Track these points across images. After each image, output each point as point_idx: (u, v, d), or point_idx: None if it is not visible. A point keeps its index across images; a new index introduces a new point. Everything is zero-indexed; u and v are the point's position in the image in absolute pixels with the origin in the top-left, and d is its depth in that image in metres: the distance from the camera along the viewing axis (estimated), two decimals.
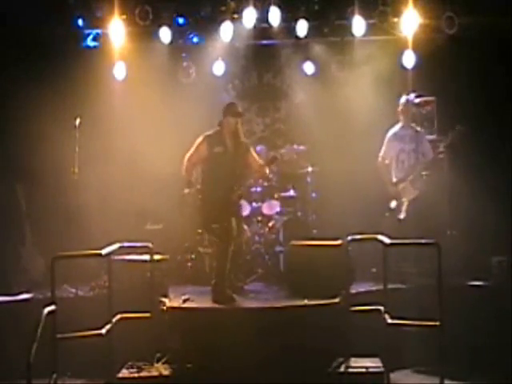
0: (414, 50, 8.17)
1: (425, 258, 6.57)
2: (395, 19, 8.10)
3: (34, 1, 7.62)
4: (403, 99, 7.41)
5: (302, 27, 8.17)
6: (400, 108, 7.42)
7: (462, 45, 8.01)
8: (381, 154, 7.45)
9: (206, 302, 6.31)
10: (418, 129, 7.40)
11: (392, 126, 7.48)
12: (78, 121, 6.88)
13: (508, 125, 7.65)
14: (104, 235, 7.74)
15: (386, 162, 7.41)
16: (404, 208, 7.09)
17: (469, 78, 7.98)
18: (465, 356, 5.94)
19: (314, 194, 8.47)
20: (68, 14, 8.21)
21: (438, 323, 4.81)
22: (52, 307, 4.69)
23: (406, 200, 7.12)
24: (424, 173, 7.34)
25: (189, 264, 7.90)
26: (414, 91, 7.95)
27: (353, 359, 5.63)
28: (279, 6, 8.13)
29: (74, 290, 6.49)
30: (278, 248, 7.79)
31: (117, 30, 8.17)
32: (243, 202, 8.07)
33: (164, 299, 6.18)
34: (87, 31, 8.52)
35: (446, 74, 8.01)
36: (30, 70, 7.76)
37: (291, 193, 8.28)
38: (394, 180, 7.28)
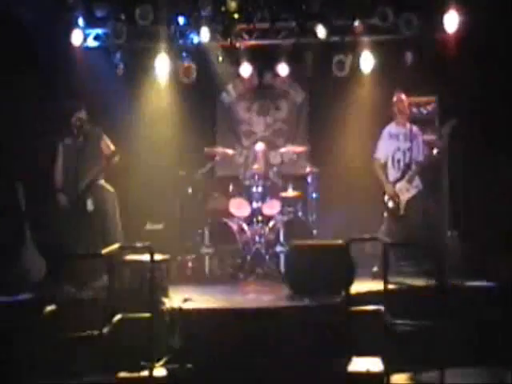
0: (415, 49, 8.19)
1: (425, 258, 6.56)
2: (395, 19, 8.10)
3: (34, 1, 7.62)
4: (397, 97, 7.33)
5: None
6: (394, 106, 7.33)
7: (462, 45, 8.01)
8: (376, 153, 7.36)
9: (206, 302, 6.31)
10: (414, 127, 7.33)
11: (387, 124, 7.42)
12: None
13: (509, 125, 7.64)
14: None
15: (382, 161, 7.35)
16: (402, 207, 7.08)
17: (469, 78, 7.97)
18: (465, 356, 5.92)
19: (314, 194, 8.47)
20: (68, 13, 8.21)
21: (437, 323, 4.81)
22: (52, 307, 4.69)
23: (403, 199, 7.09)
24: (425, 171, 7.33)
25: (189, 264, 7.91)
26: (414, 91, 7.96)
27: (353, 359, 5.62)
28: (279, 6, 8.14)
29: (73, 290, 6.49)
30: (278, 248, 7.80)
31: (117, 30, 8.17)
32: (243, 202, 8.10)
33: (164, 299, 6.18)
34: (87, 31, 8.52)
35: (446, 74, 8.00)
36: (29, 70, 7.76)
37: (291, 193, 8.28)
38: (391, 179, 7.24)
